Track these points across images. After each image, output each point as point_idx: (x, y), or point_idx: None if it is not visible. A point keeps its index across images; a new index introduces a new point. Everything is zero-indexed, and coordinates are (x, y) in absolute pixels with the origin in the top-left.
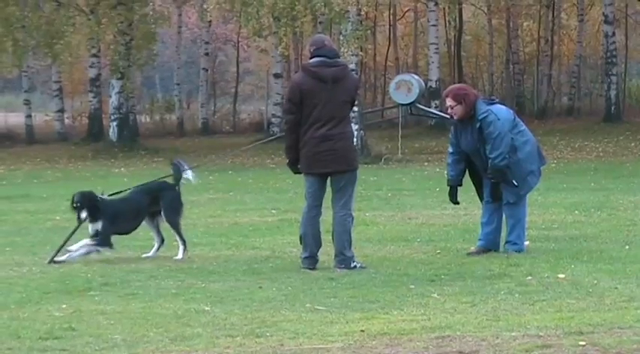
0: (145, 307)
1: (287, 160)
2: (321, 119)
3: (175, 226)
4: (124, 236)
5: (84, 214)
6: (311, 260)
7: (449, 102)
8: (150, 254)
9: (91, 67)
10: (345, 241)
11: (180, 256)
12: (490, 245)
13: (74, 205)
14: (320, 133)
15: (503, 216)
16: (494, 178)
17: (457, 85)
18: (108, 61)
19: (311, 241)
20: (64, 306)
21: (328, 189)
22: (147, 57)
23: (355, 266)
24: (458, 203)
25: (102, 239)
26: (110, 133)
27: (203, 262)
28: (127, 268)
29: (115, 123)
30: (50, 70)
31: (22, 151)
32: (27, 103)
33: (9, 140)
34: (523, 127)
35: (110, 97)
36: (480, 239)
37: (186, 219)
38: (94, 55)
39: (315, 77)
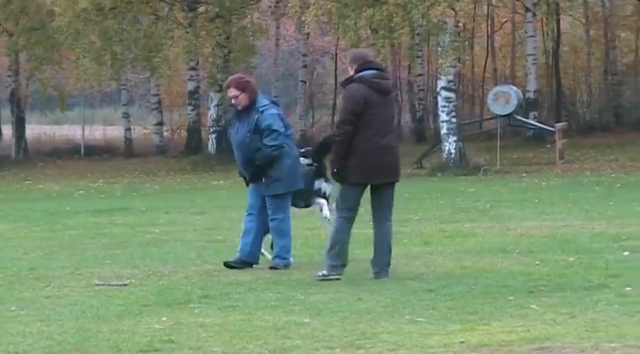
0: (244, 319)
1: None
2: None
3: None
4: (227, 247)
5: None
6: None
7: (232, 92)
8: None
9: (189, 80)
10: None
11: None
12: (247, 257)
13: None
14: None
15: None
16: (260, 165)
17: (237, 75)
18: (206, 74)
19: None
20: (163, 318)
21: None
22: (245, 69)
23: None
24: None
25: None
26: (209, 146)
27: (302, 274)
28: (226, 280)
29: (213, 135)
30: (149, 84)
31: (121, 164)
32: (126, 116)
33: (108, 153)
34: (291, 131)
35: (209, 109)
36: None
37: None
38: (193, 68)
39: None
